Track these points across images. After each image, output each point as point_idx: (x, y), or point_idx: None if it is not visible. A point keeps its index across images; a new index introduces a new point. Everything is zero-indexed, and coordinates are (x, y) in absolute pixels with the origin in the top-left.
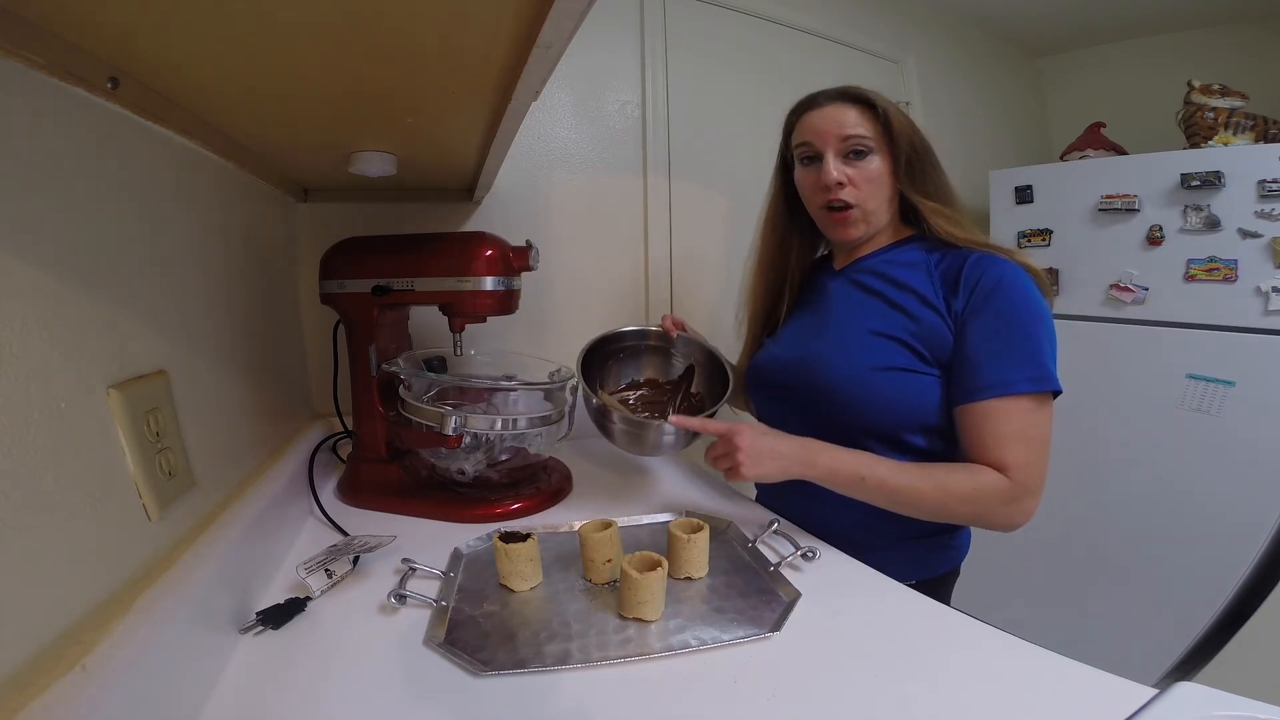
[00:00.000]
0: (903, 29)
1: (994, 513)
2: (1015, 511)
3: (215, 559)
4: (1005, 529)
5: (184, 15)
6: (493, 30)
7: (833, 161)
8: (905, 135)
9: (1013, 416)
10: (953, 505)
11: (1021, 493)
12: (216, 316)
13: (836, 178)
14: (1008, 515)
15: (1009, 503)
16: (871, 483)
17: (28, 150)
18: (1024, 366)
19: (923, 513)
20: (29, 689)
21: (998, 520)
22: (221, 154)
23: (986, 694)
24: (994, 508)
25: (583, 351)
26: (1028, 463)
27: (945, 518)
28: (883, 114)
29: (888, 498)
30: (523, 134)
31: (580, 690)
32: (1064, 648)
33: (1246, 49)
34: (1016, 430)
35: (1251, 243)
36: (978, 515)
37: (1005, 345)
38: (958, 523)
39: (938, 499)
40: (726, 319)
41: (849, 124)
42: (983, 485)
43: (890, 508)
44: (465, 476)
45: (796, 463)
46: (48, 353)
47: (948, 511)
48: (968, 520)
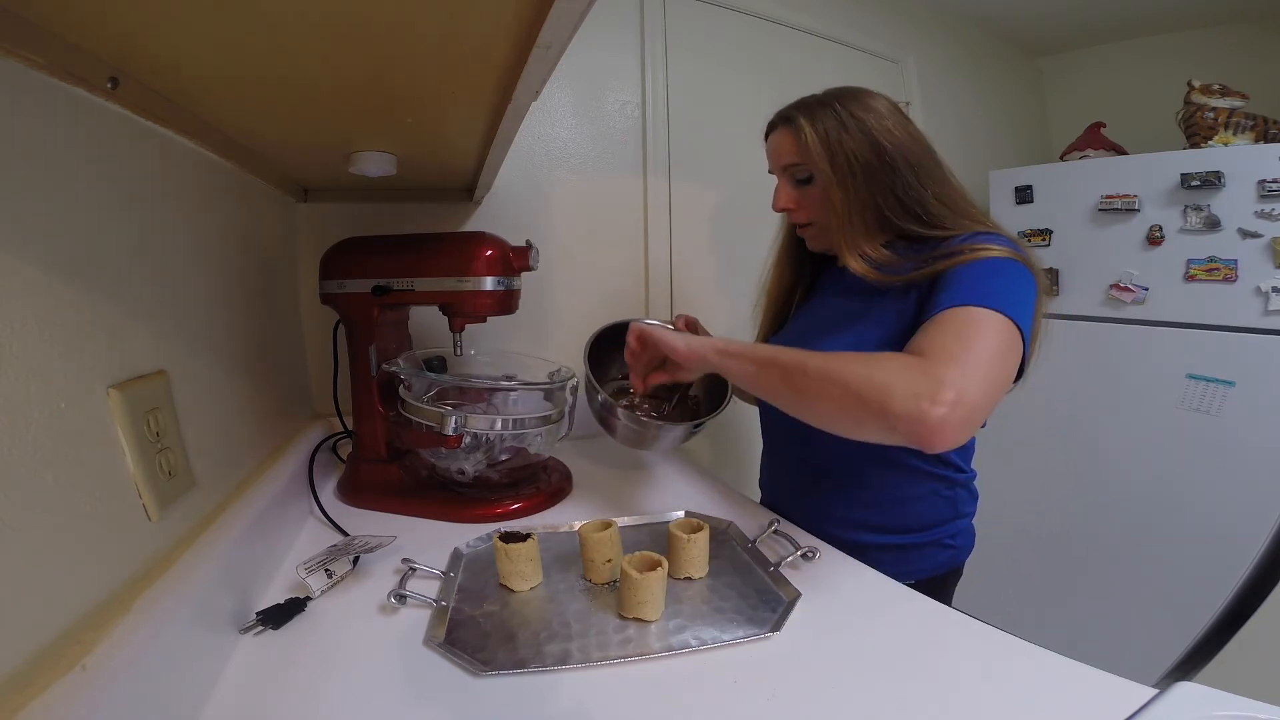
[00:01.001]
0: (903, 29)
1: (895, 380)
2: (925, 397)
3: (215, 559)
4: (912, 419)
5: (185, 15)
6: (493, 30)
7: (782, 188)
8: (856, 149)
9: (946, 320)
10: (848, 367)
11: (931, 378)
12: (216, 316)
13: (782, 204)
14: (913, 397)
15: (916, 377)
16: (761, 356)
17: (28, 150)
18: (972, 292)
19: (815, 385)
20: (29, 689)
21: (899, 399)
22: (221, 154)
23: (986, 694)
24: (897, 373)
25: (591, 338)
26: (948, 352)
27: (837, 385)
28: (805, 134)
29: (780, 375)
30: (523, 134)
31: (580, 690)
32: (1064, 648)
33: (1246, 49)
34: (945, 328)
35: (1251, 243)
36: (875, 382)
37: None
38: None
39: (827, 361)
40: (726, 318)
41: (785, 152)
42: (889, 355)
43: (784, 390)
44: (465, 476)
45: (698, 342)
46: (48, 353)
47: (840, 374)
48: (864, 389)
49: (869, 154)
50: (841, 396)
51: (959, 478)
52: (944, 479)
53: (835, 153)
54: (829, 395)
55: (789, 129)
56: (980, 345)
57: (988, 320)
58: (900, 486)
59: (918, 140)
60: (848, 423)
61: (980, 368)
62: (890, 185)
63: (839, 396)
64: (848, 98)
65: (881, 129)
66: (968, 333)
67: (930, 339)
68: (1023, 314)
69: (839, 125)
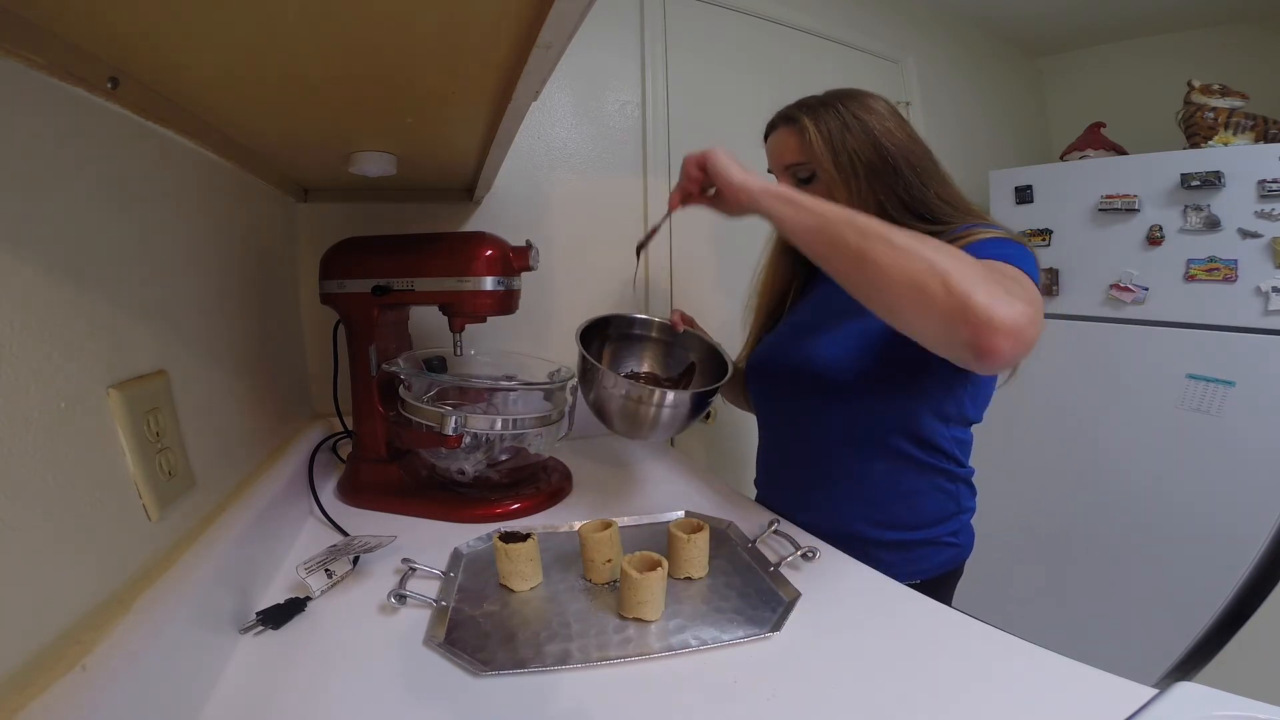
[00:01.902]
0: (903, 29)
1: (980, 281)
2: (1003, 302)
3: (215, 559)
4: (986, 323)
5: (185, 15)
6: (493, 30)
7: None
8: (858, 147)
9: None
10: (935, 253)
11: (1009, 292)
12: (216, 317)
13: None
14: (994, 297)
15: (998, 282)
16: (832, 210)
17: (28, 150)
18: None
19: (897, 255)
20: (29, 689)
21: (984, 295)
22: (221, 154)
23: (986, 694)
24: (980, 275)
25: (583, 325)
26: (1013, 275)
27: (921, 264)
28: (809, 133)
29: (855, 233)
30: (523, 134)
31: (580, 690)
32: (1064, 648)
33: (1246, 49)
34: (992, 264)
35: (1251, 243)
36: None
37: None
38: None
39: (911, 238)
40: (726, 318)
41: (787, 152)
42: (969, 258)
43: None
44: (465, 476)
45: (759, 181)
46: (48, 353)
47: (927, 258)
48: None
49: (871, 154)
50: (923, 275)
51: (960, 472)
52: (945, 473)
53: (839, 152)
54: (910, 271)
55: (792, 128)
56: (1028, 284)
57: (1021, 273)
58: (902, 481)
59: (917, 141)
60: (916, 305)
61: (1036, 299)
62: (892, 185)
63: (920, 274)
64: (849, 98)
65: (883, 130)
66: (1012, 271)
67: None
68: (1037, 279)
69: (842, 125)
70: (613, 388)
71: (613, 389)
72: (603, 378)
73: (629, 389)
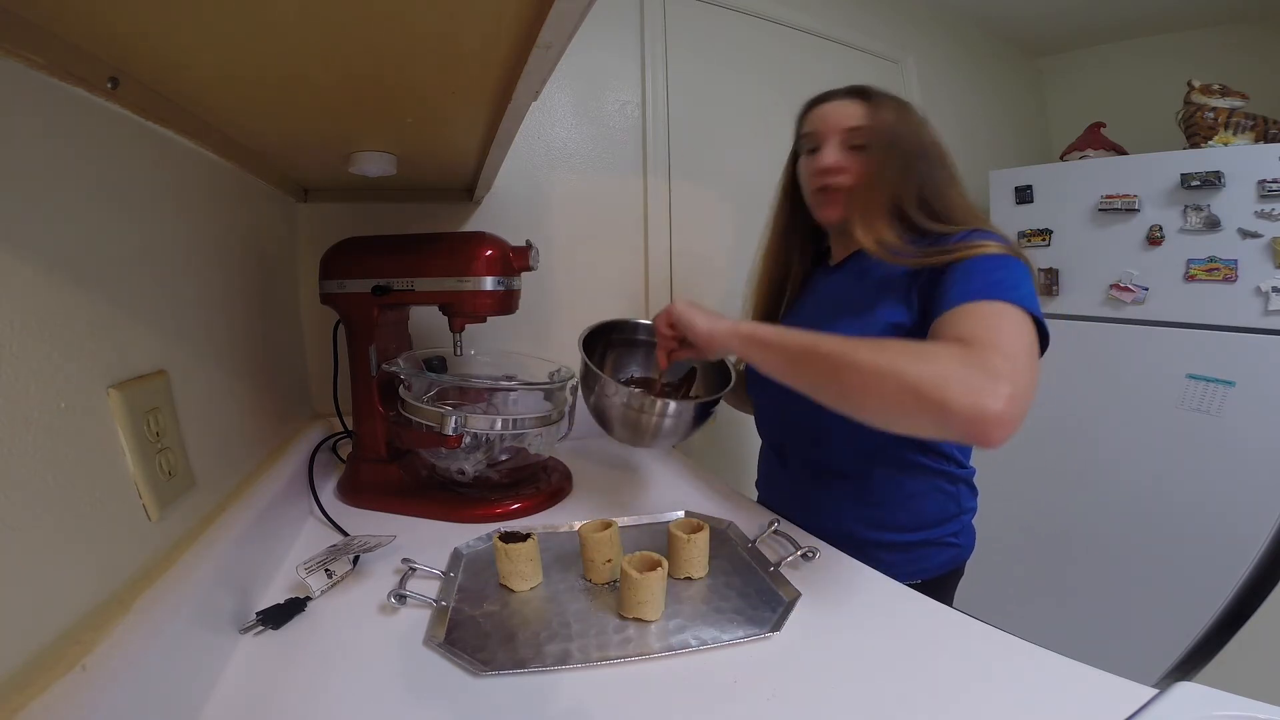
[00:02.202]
0: (903, 29)
1: (953, 375)
2: (985, 393)
3: (215, 559)
4: (973, 418)
5: (185, 14)
6: (493, 30)
7: (831, 150)
8: (906, 136)
9: (973, 311)
10: (900, 361)
11: (987, 371)
12: (216, 316)
13: (833, 161)
14: (971, 393)
15: (972, 371)
16: (796, 344)
17: (28, 150)
18: (992, 288)
19: (866, 379)
20: (29, 689)
21: (960, 389)
22: (221, 154)
23: (986, 694)
24: (952, 367)
25: (585, 332)
26: (992, 342)
27: (891, 381)
28: (877, 107)
29: (824, 362)
30: (523, 134)
31: (580, 690)
32: (1064, 648)
33: (1246, 49)
34: (977, 319)
35: (1251, 243)
36: (933, 378)
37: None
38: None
39: (876, 353)
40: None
41: (850, 117)
42: (936, 345)
43: (827, 383)
44: (465, 476)
45: (725, 324)
46: (48, 353)
47: (893, 369)
48: (922, 386)
49: (914, 147)
50: (896, 393)
51: (960, 473)
52: (945, 474)
53: (895, 135)
54: (881, 391)
55: (859, 101)
56: (1017, 337)
57: (1013, 313)
58: (903, 483)
59: (941, 147)
60: (899, 417)
61: (1022, 359)
62: (920, 181)
63: (893, 393)
64: (894, 97)
65: (925, 130)
66: (1001, 325)
67: (965, 328)
68: (1035, 306)
69: (897, 114)
70: (614, 396)
71: (614, 397)
72: (604, 385)
73: (630, 398)
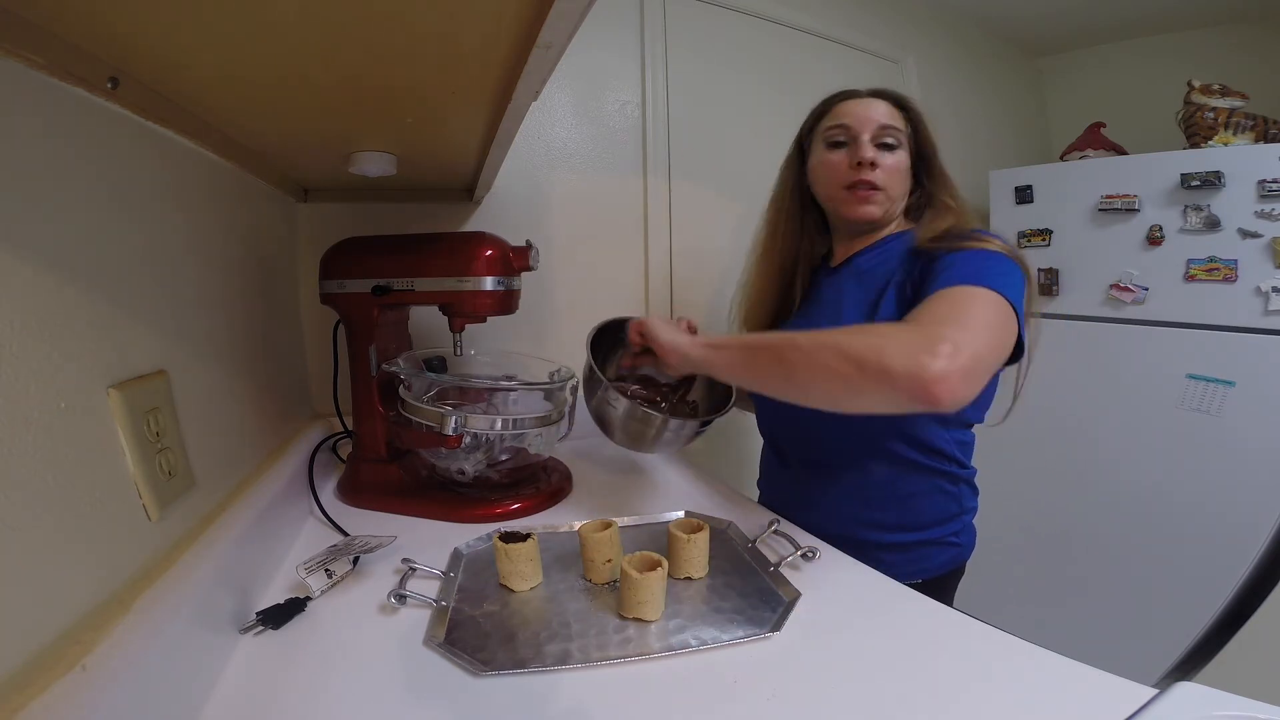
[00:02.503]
0: (903, 29)
1: (891, 343)
2: (923, 350)
3: (215, 559)
4: (913, 377)
5: (185, 14)
6: (493, 30)
7: (866, 147)
8: (927, 141)
9: (944, 295)
10: (840, 337)
11: (925, 334)
12: (216, 317)
13: (871, 156)
14: (909, 354)
15: (909, 335)
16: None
17: (28, 150)
18: (966, 274)
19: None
20: (29, 689)
21: (896, 357)
22: (221, 154)
23: (986, 694)
24: (891, 337)
25: (594, 330)
26: (943, 317)
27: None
28: (915, 116)
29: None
30: (523, 134)
31: (580, 690)
32: (1064, 648)
33: (1246, 49)
34: (943, 300)
35: (1251, 243)
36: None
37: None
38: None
39: (816, 336)
40: (726, 318)
41: (886, 115)
42: (877, 324)
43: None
44: (465, 476)
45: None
46: (48, 353)
47: (834, 343)
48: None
49: (929, 150)
50: (838, 364)
51: (961, 473)
52: (947, 474)
53: (922, 138)
54: (825, 366)
55: (893, 103)
56: (974, 311)
57: (981, 293)
58: (904, 483)
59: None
60: (847, 392)
61: (974, 327)
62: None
63: (835, 365)
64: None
65: (933, 136)
66: (962, 302)
67: (925, 310)
68: (1015, 295)
69: (920, 118)
70: (616, 405)
71: (616, 406)
72: (608, 394)
73: (633, 409)
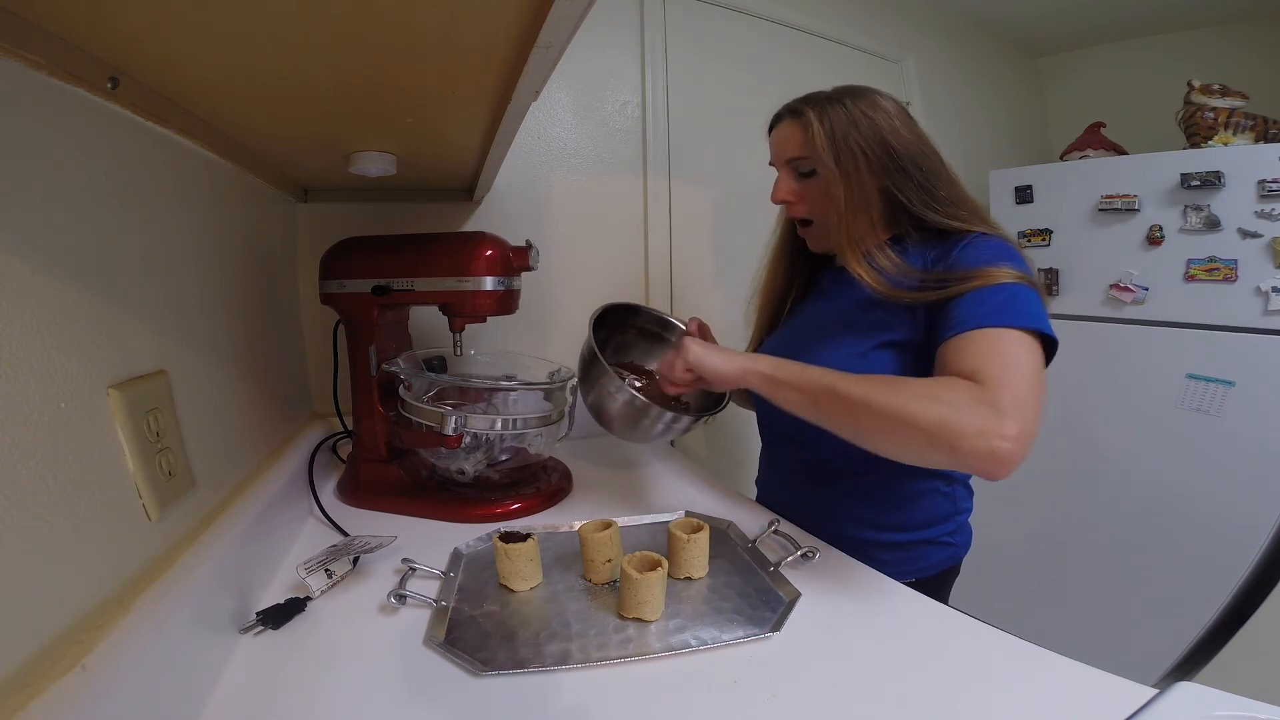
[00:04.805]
0: (902, 29)
1: (963, 418)
2: (993, 434)
3: (215, 559)
4: (982, 456)
5: (186, 15)
6: (493, 30)
7: (783, 180)
8: (853, 143)
9: (982, 341)
10: (913, 404)
11: (996, 411)
12: (216, 316)
13: (782, 196)
14: (981, 435)
15: (981, 412)
16: (815, 385)
17: (28, 151)
18: (1000, 313)
19: (880, 423)
20: (29, 689)
21: (970, 431)
22: (222, 154)
23: (986, 694)
24: (962, 408)
25: (597, 312)
26: (1001, 379)
27: (905, 424)
28: (812, 128)
29: (842, 404)
30: (523, 134)
31: (580, 690)
32: (1064, 648)
33: (1246, 49)
34: (987, 350)
35: (1251, 243)
36: (944, 421)
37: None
38: (921, 441)
39: (890, 396)
40: (726, 318)
41: (791, 145)
42: (947, 384)
43: (845, 423)
44: (465, 476)
45: (742, 362)
46: (48, 353)
47: (906, 413)
48: (933, 429)
49: (878, 152)
50: (909, 436)
51: (958, 475)
52: (943, 476)
53: (841, 149)
54: (895, 433)
55: (796, 122)
56: (1024, 368)
57: (1021, 341)
58: (902, 485)
59: (924, 141)
60: (912, 456)
61: (1030, 392)
62: (899, 185)
63: (906, 436)
64: (857, 96)
65: (890, 129)
66: (1009, 354)
67: (973, 360)
68: (1046, 326)
69: (848, 122)
70: (617, 394)
71: (617, 395)
72: (609, 382)
73: (633, 399)
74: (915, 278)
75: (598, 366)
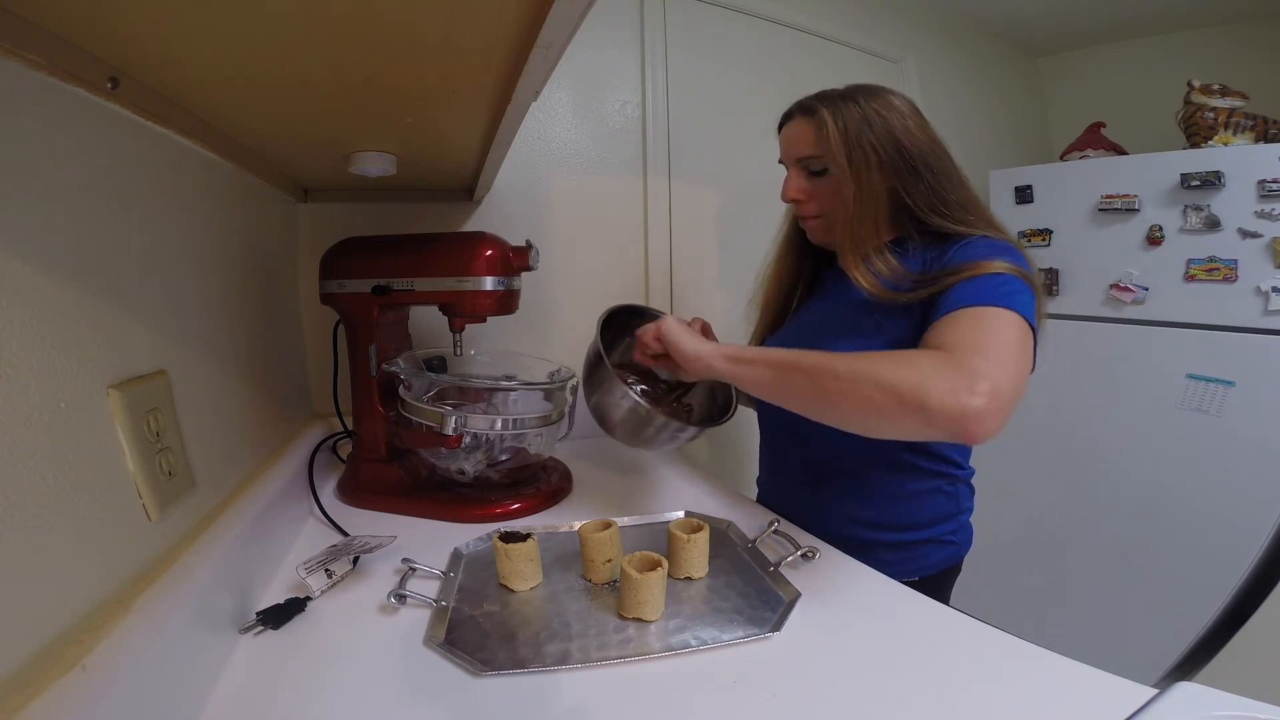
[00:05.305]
0: (902, 29)
1: (930, 378)
2: (961, 389)
3: (215, 559)
4: (953, 415)
5: (186, 15)
6: (493, 30)
7: (792, 179)
8: (865, 142)
9: (962, 317)
10: (880, 368)
11: (965, 370)
12: (216, 316)
13: (792, 195)
14: (950, 391)
15: (949, 371)
16: (778, 360)
17: (28, 151)
18: (984, 294)
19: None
20: (29, 689)
21: (939, 392)
22: (222, 154)
23: (986, 694)
24: (929, 370)
25: (605, 314)
26: (974, 344)
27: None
28: (826, 126)
29: (804, 374)
30: (523, 134)
31: (580, 690)
32: (1064, 648)
33: (1246, 49)
34: (964, 324)
35: (1251, 243)
36: (911, 381)
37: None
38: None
39: (856, 362)
40: (726, 318)
41: (803, 143)
42: (916, 352)
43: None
44: (465, 476)
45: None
46: (48, 353)
47: (873, 375)
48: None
49: (890, 152)
50: (876, 396)
51: (960, 474)
52: (946, 475)
53: (854, 148)
54: (862, 396)
55: (809, 119)
56: (1001, 336)
57: (1001, 314)
58: (903, 484)
59: (936, 142)
60: (881, 422)
61: (1005, 356)
62: (908, 187)
63: (873, 397)
64: (871, 94)
65: (904, 129)
66: (985, 325)
67: (950, 334)
68: (1029, 314)
69: (861, 121)
70: (622, 400)
71: (621, 400)
72: (614, 387)
73: (636, 407)
74: (910, 280)
75: (603, 370)
